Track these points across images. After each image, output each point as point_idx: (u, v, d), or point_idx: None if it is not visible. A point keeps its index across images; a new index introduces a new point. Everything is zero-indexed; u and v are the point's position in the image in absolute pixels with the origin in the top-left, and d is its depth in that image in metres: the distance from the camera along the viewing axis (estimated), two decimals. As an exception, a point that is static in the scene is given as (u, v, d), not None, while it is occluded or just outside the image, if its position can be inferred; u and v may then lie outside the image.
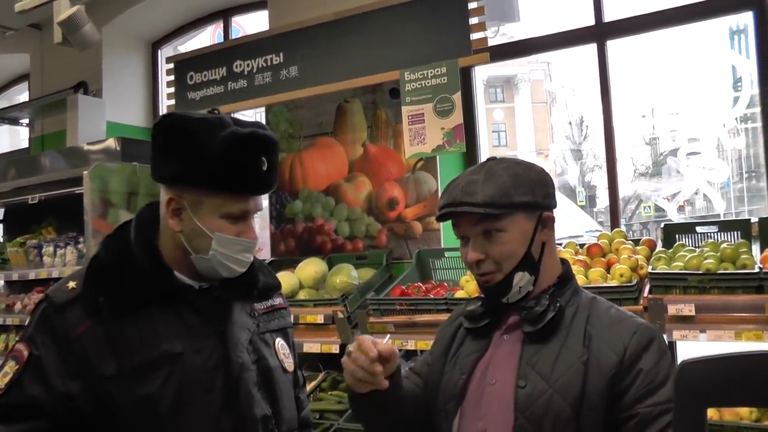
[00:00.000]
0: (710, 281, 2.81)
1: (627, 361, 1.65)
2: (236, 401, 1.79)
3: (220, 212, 1.75)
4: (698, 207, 19.68)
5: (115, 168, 4.45)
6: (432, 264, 4.09)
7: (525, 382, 1.69)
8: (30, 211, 5.00)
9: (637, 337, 1.68)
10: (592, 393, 1.64)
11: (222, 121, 1.74)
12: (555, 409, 1.64)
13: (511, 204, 1.72)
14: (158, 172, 1.80)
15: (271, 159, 1.78)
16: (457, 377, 1.82)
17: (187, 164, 1.72)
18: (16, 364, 1.72)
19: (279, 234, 4.98)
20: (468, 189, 1.73)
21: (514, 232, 1.74)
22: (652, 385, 1.62)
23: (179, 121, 1.75)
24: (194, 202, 1.75)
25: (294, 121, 4.94)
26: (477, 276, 1.81)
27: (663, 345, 1.71)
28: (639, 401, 1.61)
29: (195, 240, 1.77)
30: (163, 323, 1.76)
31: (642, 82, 25.08)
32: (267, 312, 2.01)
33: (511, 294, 1.77)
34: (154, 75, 6.46)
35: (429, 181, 4.35)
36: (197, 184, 1.73)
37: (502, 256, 1.74)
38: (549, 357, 1.71)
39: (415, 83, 3.94)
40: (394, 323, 3.51)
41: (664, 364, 1.66)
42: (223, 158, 1.69)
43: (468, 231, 1.77)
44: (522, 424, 1.66)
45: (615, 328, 1.72)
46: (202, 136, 1.70)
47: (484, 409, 1.74)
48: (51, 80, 6.48)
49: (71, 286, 1.78)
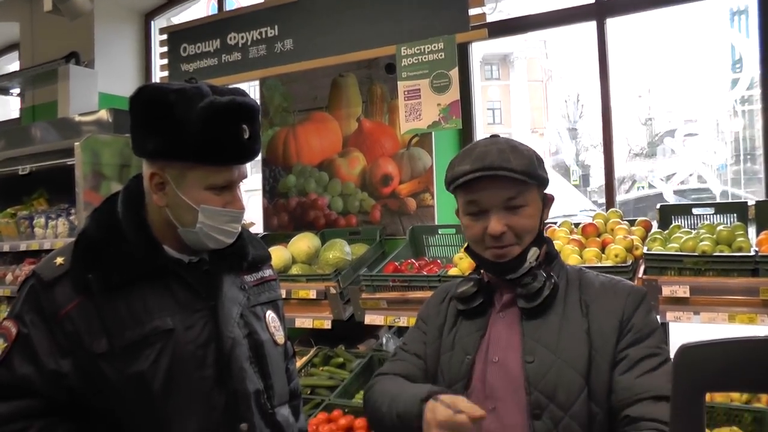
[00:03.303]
0: (705, 263, 2.81)
1: (625, 321, 1.72)
2: (228, 376, 1.78)
3: (205, 184, 1.73)
4: (693, 188, 19.72)
5: (107, 140, 4.42)
6: (426, 241, 4.08)
7: (533, 357, 1.71)
8: (21, 182, 4.97)
9: (632, 299, 1.76)
10: (599, 358, 1.69)
11: (200, 91, 1.70)
12: (567, 379, 1.67)
13: (537, 177, 1.75)
14: (139, 147, 1.76)
15: (252, 126, 1.74)
16: (461, 357, 1.81)
17: (168, 138, 1.68)
18: (4, 342, 1.70)
19: (272, 208, 4.95)
20: (503, 156, 1.72)
21: (533, 207, 1.77)
22: (640, 334, 1.70)
23: (156, 93, 1.71)
24: (177, 175, 1.72)
25: (288, 95, 4.90)
26: (493, 249, 1.77)
27: (650, 303, 1.84)
28: (628, 347, 1.69)
29: (181, 213, 1.75)
30: (153, 299, 1.74)
31: (639, 62, 25.00)
32: (257, 284, 2.00)
33: (521, 269, 1.77)
34: (147, 46, 6.38)
35: (424, 158, 4.33)
36: (179, 157, 1.70)
37: (525, 230, 1.75)
38: (552, 330, 1.73)
39: (411, 58, 3.90)
40: (387, 300, 3.50)
41: (652, 318, 1.77)
42: (203, 130, 1.66)
43: (493, 201, 1.74)
44: (537, 398, 1.67)
45: (610, 294, 1.78)
46: (181, 109, 1.66)
47: (490, 388, 1.74)
48: (42, 50, 6.39)
49: (59, 262, 1.75)
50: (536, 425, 1.66)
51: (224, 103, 1.69)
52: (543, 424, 1.66)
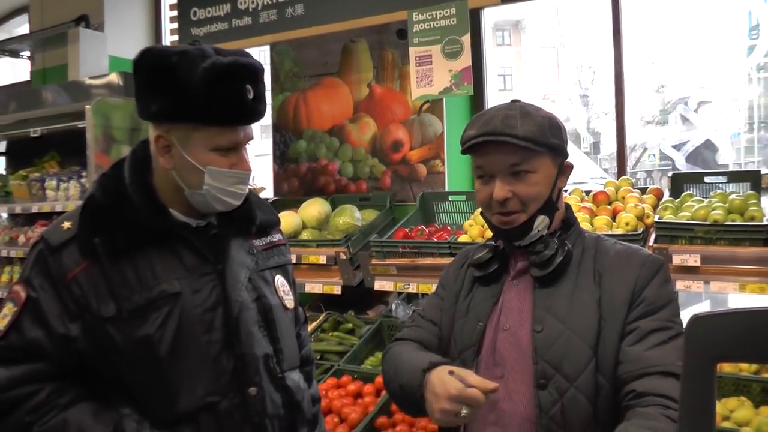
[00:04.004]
0: (717, 232, 2.78)
1: (637, 293, 1.68)
2: (236, 340, 1.78)
3: (210, 146, 1.72)
4: (705, 157, 19.59)
5: (118, 103, 4.41)
6: (436, 207, 4.07)
7: (541, 327, 1.70)
8: (33, 145, 4.98)
9: (646, 269, 1.72)
10: (608, 329, 1.67)
11: (203, 53, 1.69)
12: (574, 350, 1.66)
13: (546, 144, 1.72)
14: (143, 110, 1.75)
15: (257, 87, 1.74)
16: (474, 324, 1.82)
17: (172, 100, 1.68)
18: (14, 306, 1.71)
19: (282, 173, 4.95)
20: (508, 122, 1.70)
21: (543, 174, 1.74)
22: (652, 306, 1.67)
23: (159, 56, 1.70)
24: (183, 137, 1.72)
25: (299, 60, 4.87)
26: (497, 216, 1.77)
27: (667, 273, 1.77)
28: (639, 319, 1.66)
29: (187, 176, 1.75)
30: (160, 263, 1.75)
31: (653, 28, 24.70)
32: (266, 249, 2.00)
33: (528, 237, 1.77)
34: (157, 11, 6.34)
35: (435, 124, 4.30)
36: (184, 119, 1.70)
37: (530, 197, 1.73)
38: (562, 299, 1.72)
39: (423, 24, 3.87)
40: (397, 266, 3.51)
41: (667, 290, 1.72)
42: (207, 91, 1.65)
43: (497, 167, 1.74)
44: (543, 368, 1.67)
45: (624, 263, 1.75)
46: (184, 70, 1.65)
47: (500, 355, 1.75)
48: (51, 13, 6.36)
49: (66, 226, 1.76)
50: (541, 395, 1.66)
51: (227, 64, 1.68)
52: (548, 395, 1.66)
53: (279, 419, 1.86)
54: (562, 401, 1.64)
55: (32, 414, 1.65)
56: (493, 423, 1.72)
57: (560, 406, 1.64)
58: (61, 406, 1.68)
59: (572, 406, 1.64)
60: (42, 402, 1.66)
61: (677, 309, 1.70)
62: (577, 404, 1.64)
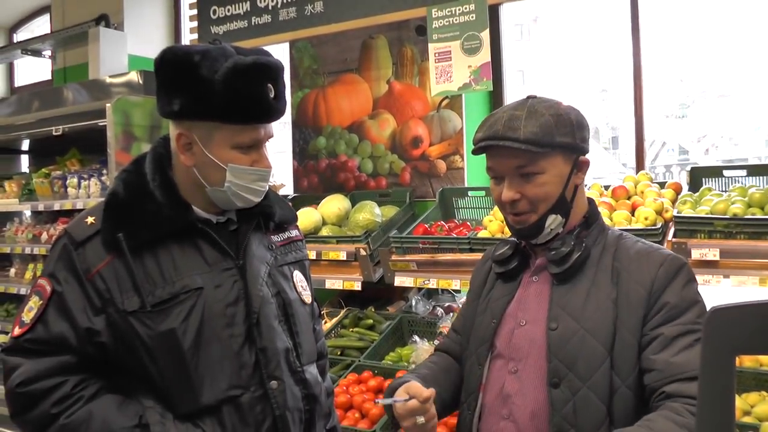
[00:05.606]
0: (737, 226, 2.77)
1: (654, 295, 1.66)
2: (258, 334, 1.81)
3: (231, 143, 1.75)
4: (725, 150, 19.36)
5: (138, 101, 4.44)
6: (455, 203, 4.07)
7: (556, 324, 1.70)
8: (54, 143, 5.02)
9: (664, 270, 1.69)
10: (624, 330, 1.66)
11: (224, 51, 1.72)
12: (588, 349, 1.65)
13: (552, 144, 1.70)
14: (165, 108, 1.78)
15: (277, 85, 1.77)
16: (489, 321, 1.84)
17: (194, 98, 1.71)
18: (40, 300, 1.74)
19: (302, 170, 4.97)
20: (511, 124, 1.70)
21: (552, 174, 1.73)
22: (675, 310, 1.64)
23: (181, 54, 1.73)
24: (204, 135, 1.74)
25: (318, 57, 4.88)
26: (509, 216, 1.79)
27: (690, 273, 1.72)
28: (662, 325, 1.63)
29: (209, 173, 1.77)
30: (182, 258, 1.77)
31: (672, 21, 24.45)
32: (284, 244, 2.03)
33: (542, 236, 1.77)
34: (177, 9, 6.38)
35: (454, 120, 4.31)
36: (205, 117, 1.72)
37: (538, 198, 1.73)
38: (579, 297, 1.71)
39: (442, 20, 3.88)
40: (417, 261, 3.52)
41: (690, 292, 1.68)
42: (228, 89, 1.68)
43: (504, 169, 1.75)
44: (556, 366, 1.67)
45: (642, 262, 1.72)
46: (206, 69, 1.68)
47: (515, 351, 1.76)
48: (72, 13, 6.42)
49: (90, 221, 1.79)
50: (553, 393, 1.67)
51: (249, 63, 1.70)
52: (560, 393, 1.66)
53: (299, 412, 1.88)
54: (574, 400, 1.65)
55: (57, 405, 1.68)
56: (506, 417, 1.74)
57: (572, 405, 1.65)
58: (85, 398, 1.70)
59: (584, 405, 1.64)
60: (67, 394, 1.69)
61: (703, 309, 1.66)
62: (589, 404, 1.64)
